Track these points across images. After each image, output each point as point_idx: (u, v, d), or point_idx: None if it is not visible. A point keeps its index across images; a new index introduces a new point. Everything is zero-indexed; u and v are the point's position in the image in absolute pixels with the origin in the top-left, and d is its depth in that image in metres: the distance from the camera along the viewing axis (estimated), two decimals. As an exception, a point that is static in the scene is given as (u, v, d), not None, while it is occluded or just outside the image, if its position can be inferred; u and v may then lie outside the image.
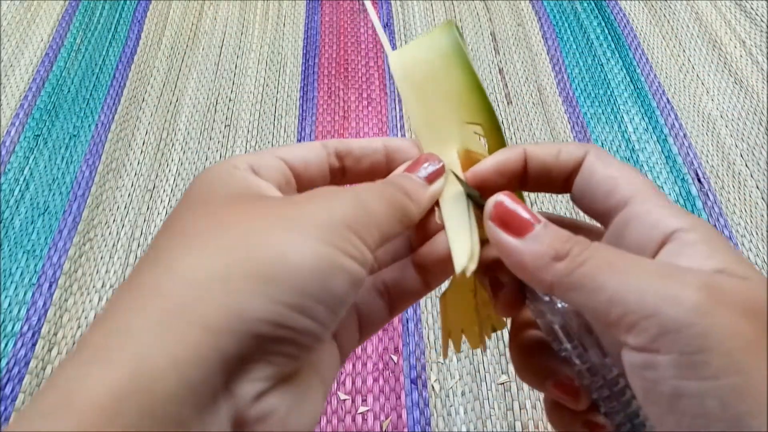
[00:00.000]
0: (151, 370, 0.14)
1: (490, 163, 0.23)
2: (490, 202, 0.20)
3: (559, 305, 0.20)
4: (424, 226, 0.23)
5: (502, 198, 0.20)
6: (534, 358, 0.23)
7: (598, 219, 0.22)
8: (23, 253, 0.71)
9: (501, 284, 0.22)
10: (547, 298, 0.20)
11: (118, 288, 0.17)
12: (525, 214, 0.19)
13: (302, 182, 0.22)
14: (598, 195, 0.21)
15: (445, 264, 0.21)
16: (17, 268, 0.69)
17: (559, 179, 0.22)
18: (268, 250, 0.17)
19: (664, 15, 1.00)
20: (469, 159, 0.24)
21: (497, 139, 0.24)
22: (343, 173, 0.23)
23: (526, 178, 0.23)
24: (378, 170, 0.24)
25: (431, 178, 0.22)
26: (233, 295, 0.16)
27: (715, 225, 0.73)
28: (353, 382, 0.60)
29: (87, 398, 0.14)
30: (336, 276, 0.17)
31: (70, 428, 0.14)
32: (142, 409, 0.14)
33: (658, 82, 0.90)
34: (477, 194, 0.22)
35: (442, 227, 0.22)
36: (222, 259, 0.16)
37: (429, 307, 0.66)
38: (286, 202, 0.19)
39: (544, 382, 0.22)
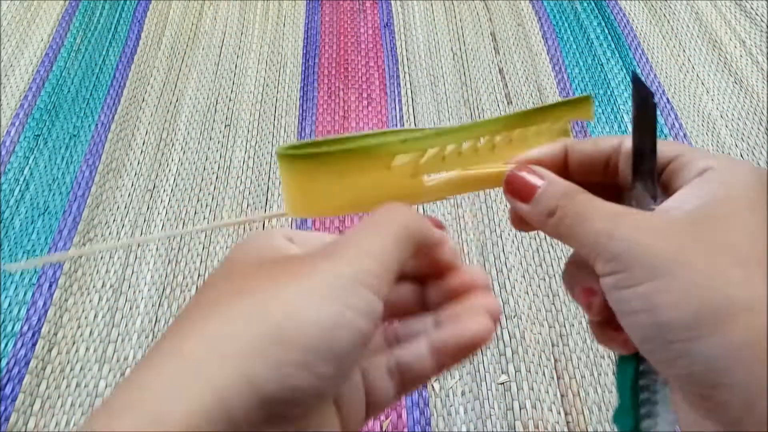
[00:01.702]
0: (165, 424, 0.15)
1: (534, 154, 0.25)
2: (504, 179, 0.25)
3: None
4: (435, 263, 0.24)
5: (510, 173, 0.24)
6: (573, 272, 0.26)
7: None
8: (23, 253, 0.71)
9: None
10: None
11: (147, 352, 0.18)
12: (530, 180, 0.24)
13: None
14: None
15: (465, 352, 0.23)
16: (17, 268, 0.69)
17: (599, 164, 0.25)
18: (279, 312, 0.17)
19: (664, 15, 1.00)
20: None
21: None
22: None
23: (567, 169, 0.25)
24: None
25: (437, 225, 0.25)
26: (244, 358, 0.16)
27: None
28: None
29: None
30: (342, 332, 0.18)
31: None
32: None
33: (658, 82, 0.90)
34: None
35: (452, 266, 0.24)
36: (238, 323, 0.17)
37: (429, 307, 0.66)
38: (306, 259, 0.20)
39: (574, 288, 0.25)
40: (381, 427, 0.58)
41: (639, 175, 0.23)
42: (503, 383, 0.60)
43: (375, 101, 0.88)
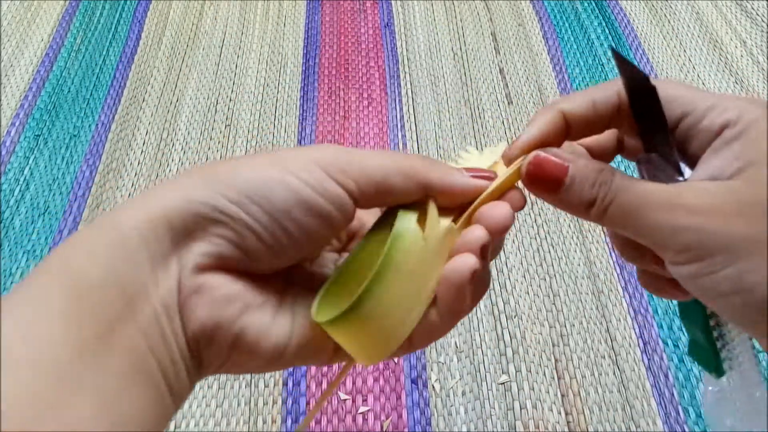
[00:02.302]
0: (121, 228, 0.20)
1: (534, 137, 0.24)
2: (522, 172, 0.23)
3: None
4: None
5: (527, 165, 0.23)
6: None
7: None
8: (23, 253, 0.71)
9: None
10: None
11: None
12: (552, 168, 0.22)
13: None
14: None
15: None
16: (17, 268, 0.69)
17: (600, 127, 0.25)
18: (231, 166, 0.21)
19: (665, 15, 1.00)
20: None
21: None
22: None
23: (567, 136, 0.25)
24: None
25: (476, 175, 0.24)
26: (190, 186, 0.21)
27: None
28: (353, 382, 0.60)
29: (80, 247, 0.20)
30: (277, 187, 0.21)
31: (71, 260, 0.19)
32: (110, 247, 0.19)
33: (659, 82, 0.90)
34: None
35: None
36: (199, 168, 0.22)
37: (429, 307, 0.66)
38: (286, 148, 0.24)
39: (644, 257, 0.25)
40: (381, 427, 0.58)
41: (653, 147, 0.22)
42: (504, 383, 0.60)
43: (375, 101, 0.88)
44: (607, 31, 0.98)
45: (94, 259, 0.19)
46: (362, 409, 0.59)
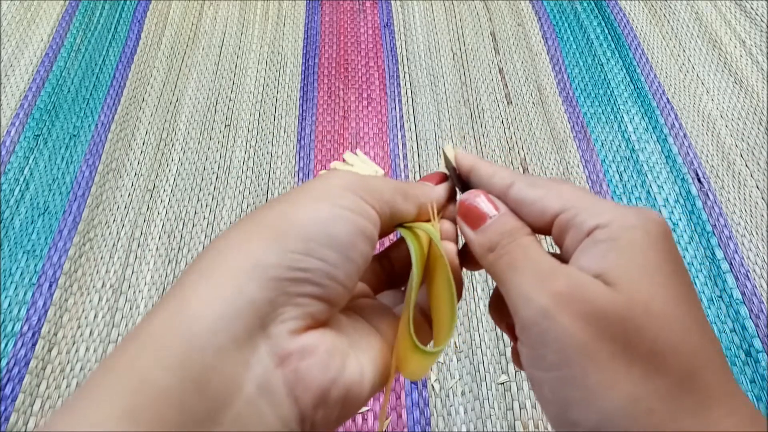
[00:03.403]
0: (189, 313, 0.18)
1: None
2: (459, 200, 0.25)
3: None
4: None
5: (465, 197, 0.25)
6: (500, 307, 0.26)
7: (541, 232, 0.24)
8: (23, 253, 0.71)
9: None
10: None
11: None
12: (483, 208, 0.24)
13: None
14: (532, 217, 0.24)
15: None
16: (17, 268, 0.69)
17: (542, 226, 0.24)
18: (280, 215, 0.21)
19: (664, 15, 1.00)
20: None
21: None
22: None
23: None
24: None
25: (437, 182, 0.28)
26: (251, 251, 0.19)
27: (715, 225, 0.73)
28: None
29: (140, 341, 0.18)
30: (336, 223, 0.20)
31: (134, 361, 0.17)
32: (183, 340, 0.17)
33: (658, 82, 0.90)
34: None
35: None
36: (249, 230, 0.20)
37: (429, 307, 0.66)
38: (306, 183, 0.23)
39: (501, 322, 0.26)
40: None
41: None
42: (503, 383, 0.60)
43: (375, 101, 0.88)
44: (606, 31, 0.98)
45: (160, 360, 0.17)
46: (362, 408, 0.59)
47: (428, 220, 0.26)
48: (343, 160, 0.32)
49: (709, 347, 0.19)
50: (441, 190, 0.27)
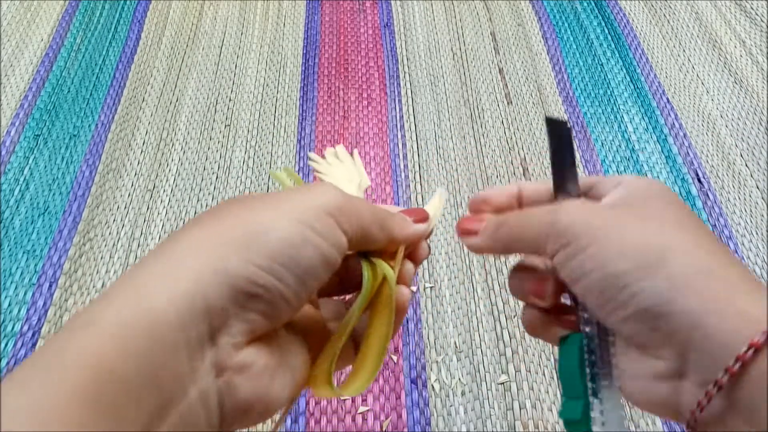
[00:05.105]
0: (152, 307, 0.18)
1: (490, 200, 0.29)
2: (456, 227, 0.28)
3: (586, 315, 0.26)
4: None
5: (457, 224, 0.28)
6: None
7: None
8: (23, 253, 0.71)
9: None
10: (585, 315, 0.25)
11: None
12: (472, 226, 0.27)
13: None
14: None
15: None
16: (17, 268, 0.69)
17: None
18: (252, 225, 0.21)
19: (664, 15, 1.00)
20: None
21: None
22: None
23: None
24: None
25: (417, 219, 0.28)
26: (220, 256, 0.19)
27: (715, 225, 0.73)
28: (353, 382, 0.60)
29: (100, 327, 0.17)
30: (305, 248, 0.21)
31: (93, 346, 0.17)
32: (147, 332, 0.17)
33: (658, 82, 0.90)
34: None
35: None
36: (215, 231, 0.20)
37: (429, 306, 0.66)
38: (288, 192, 0.23)
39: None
40: (381, 427, 0.58)
41: (562, 183, 0.27)
42: (503, 383, 0.60)
43: (375, 101, 0.88)
44: (606, 31, 0.98)
45: (123, 350, 0.17)
46: (362, 409, 0.59)
47: (395, 253, 0.27)
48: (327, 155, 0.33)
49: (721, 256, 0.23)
50: (418, 229, 0.28)
